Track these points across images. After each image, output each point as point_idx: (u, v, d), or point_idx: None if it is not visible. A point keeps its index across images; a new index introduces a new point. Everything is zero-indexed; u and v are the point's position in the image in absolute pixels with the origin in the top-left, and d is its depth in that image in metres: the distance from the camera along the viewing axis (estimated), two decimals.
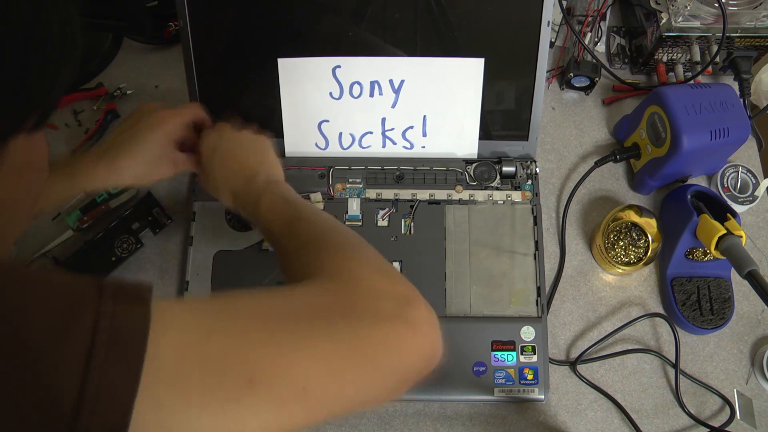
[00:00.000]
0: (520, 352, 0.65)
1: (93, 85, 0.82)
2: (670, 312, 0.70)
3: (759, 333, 0.70)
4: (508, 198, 0.71)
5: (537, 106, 0.69)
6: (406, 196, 0.71)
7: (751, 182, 0.74)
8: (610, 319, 0.70)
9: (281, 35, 0.68)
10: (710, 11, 0.74)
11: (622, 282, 0.72)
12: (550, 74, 0.82)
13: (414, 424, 0.65)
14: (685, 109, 0.65)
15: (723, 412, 0.67)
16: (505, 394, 0.63)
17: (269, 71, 0.68)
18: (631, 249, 0.68)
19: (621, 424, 0.66)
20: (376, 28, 0.67)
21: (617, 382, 0.68)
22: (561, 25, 0.83)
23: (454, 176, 0.71)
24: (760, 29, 0.75)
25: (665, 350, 0.69)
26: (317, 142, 0.72)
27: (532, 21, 0.66)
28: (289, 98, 0.69)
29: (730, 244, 0.61)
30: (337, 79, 0.68)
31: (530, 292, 0.67)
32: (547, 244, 0.72)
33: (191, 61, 0.68)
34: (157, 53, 0.84)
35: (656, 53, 0.78)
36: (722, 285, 0.69)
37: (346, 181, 0.71)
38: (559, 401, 0.67)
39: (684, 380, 0.67)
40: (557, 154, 0.79)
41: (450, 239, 0.69)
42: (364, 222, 0.70)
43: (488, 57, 0.67)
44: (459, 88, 0.68)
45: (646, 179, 0.72)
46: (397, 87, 0.68)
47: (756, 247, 0.73)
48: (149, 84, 0.82)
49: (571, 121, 0.81)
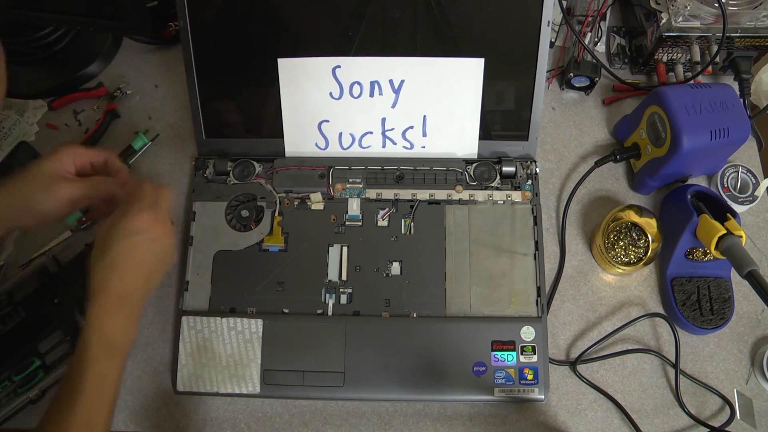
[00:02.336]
0: (520, 352, 0.65)
1: (93, 85, 0.82)
2: (670, 312, 0.70)
3: (759, 333, 0.70)
4: (508, 198, 0.71)
5: (537, 106, 0.69)
6: (406, 196, 0.71)
7: (751, 182, 0.74)
8: (610, 319, 0.70)
9: (281, 35, 0.68)
10: (710, 11, 0.74)
11: (622, 282, 0.72)
12: (550, 74, 0.82)
13: (414, 424, 0.65)
14: (685, 109, 0.65)
15: (723, 412, 0.67)
16: (505, 394, 0.64)
17: (269, 71, 0.68)
18: (631, 249, 0.68)
19: (621, 424, 0.66)
20: (376, 28, 0.67)
21: (617, 382, 0.68)
22: (561, 25, 0.83)
23: (454, 176, 0.71)
24: (760, 29, 0.75)
25: (665, 350, 0.69)
26: (317, 142, 0.72)
27: (532, 21, 0.66)
28: (289, 98, 0.69)
29: (730, 244, 0.61)
30: (337, 79, 0.68)
31: (530, 292, 0.67)
32: (547, 244, 0.72)
33: (191, 61, 0.68)
34: (157, 53, 0.84)
35: (656, 53, 0.78)
36: (722, 285, 0.69)
37: (346, 181, 0.71)
38: (559, 401, 0.67)
39: (684, 380, 0.67)
40: (557, 154, 0.79)
41: (450, 239, 0.69)
42: (364, 222, 0.70)
43: (488, 57, 0.67)
44: (459, 88, 0.68)
45: (646, 179, 0.72)
46: (397, 87, 0.68)
47: (756, 247, 0.73)
48: (149, 84, 0.82)
49: (571, 121, 0.81)
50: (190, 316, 0.66)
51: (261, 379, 0.64)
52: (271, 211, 0.70)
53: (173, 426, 0.65)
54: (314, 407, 0.66)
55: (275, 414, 0.66)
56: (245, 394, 0.64)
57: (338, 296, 0.67)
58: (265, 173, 0.72)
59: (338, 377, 0.64)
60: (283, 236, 0.69)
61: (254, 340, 0.65)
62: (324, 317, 0.66)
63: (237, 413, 0.66)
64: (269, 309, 0.66)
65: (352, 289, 0.67)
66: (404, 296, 0.66)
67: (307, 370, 0.64)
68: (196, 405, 0.66)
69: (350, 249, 0.69)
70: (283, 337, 0.65)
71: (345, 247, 0.69)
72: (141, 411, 0.66)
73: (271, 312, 0.66)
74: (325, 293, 0.67)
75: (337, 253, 0.68)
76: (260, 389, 0.64)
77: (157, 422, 0.65)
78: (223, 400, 0.66)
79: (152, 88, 0.82)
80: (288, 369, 0.64)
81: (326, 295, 0.67)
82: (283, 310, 0.66)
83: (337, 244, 0.69)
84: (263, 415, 0.66)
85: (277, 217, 0.70)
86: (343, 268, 0.68)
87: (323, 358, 0.64)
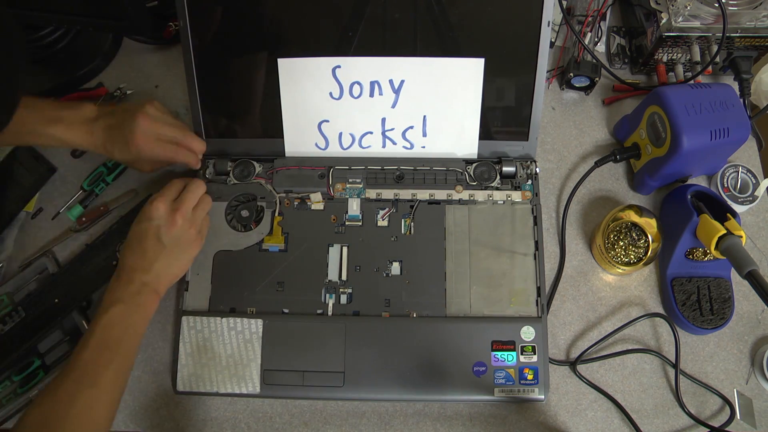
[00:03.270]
0: (520, 352, 0.65)
1: (93, 85, 0.82)
2: (670, 312, 0.70)
3: (759, 333, 0.70)
4: (508, 198, 0.71)
5: (537, 106, 0.69)
6: (406, 196, 0.71)
7: (751, 182, 0.74)
8: (610, 319, 0.70)
9: (281, 35, 0.68)
10: (710, 11, 0.74)
11: (622, 282, 0.72)
12: (550, 74, 0.82)
13: (414, 424, 0.65)
14: (685, 109, 0.65)
15: (723, 412, 0.67)
16: (505, 394, 0.64)
17: (269, 71, 0.68)
18: (631, 249, 0.68)
19: (621, 424, 0.66)
20: (376, 28, 0.67)
21: (617, 382, 0.68)
22: (561, 25, 0.83)
23: (454, 176, 0.71)
24: (760, 29, 0.75)
25: (665, 350, 0.69)
26: (317, 142, 0.72)
27: (532, 21, 0.66)
28: (289, 98, 0.69)
29: (730, 244, 0.61)
30: (337, 79, 0.68)
31: (530, 292, 0.67)
32: (547, 244, 0.72)
33: (191, 61, 0.68)
34: (157, 53, 0.84)
35: (656, 53, 0.78)
36: (722, 285, 0.69)
37: (346, 181, 0.71)
38: (559, 401, 0.67)
39: (684, 380, 0.67)
40: (557, 154, 0.79)
41: (450, 239, 0.69)
42: (364, 222, 0.70)
43: (488, 57, 0.67)
44: (459, 88, 0.68)
45: (646, 179, 0.72)
46: (397, 87, 0.68)
47: (756, 247, 0.73)
48: (149, 84, 0.82)
49: (571, 121, 0.81)
50: (190, 316, 0.66)
51: (261, 379, 0.64)
52: (271, 211, 0.70)
53: (173, 426, 0.65)
54: (314, 407, 0.66)
55: (275, 414, 0.66)
56: (245, 394, 0.64)
57: (338, 296, 0.67)
58: (265, 173, 0.72)
59: (338, 377, 0.64)
60: (283, 236, 0.69)
61: (254, 340, 0.65)
62: (324, 317, 0.66)
63: (237, 413, 0.66)
64: (269, 309, 0.66)
65: (352, 289, 0.67)
66: (404, 296, 0.67)
67: (307, 370, 0.64)
68: (196, 405, 0.66)
69: (350, 249, 0.69)
70: (283, 337, 0.65)
71: (345, 247, 0.69)
72: (141, 411, 0.66)
73: (271, 312, 0.66)
74: (325, 293, 0.67)
75: (337, 253, 0.68)
76: (260, 389, 0.64)
77: (157, 422, 0.65)
78: (223, 400, 0.66)
79: (152, 88, 0.82)
80: (288, 369, 0.64)
81: (326, 295, 0.67)
82: (283, 310, 0.66)
83: (337, 244, 0.69)
84: (263, 415, 0.66)
85: (277, 217, 0.70)
86: (343, 268, 0.68)
87: (323, 358, 0.64)
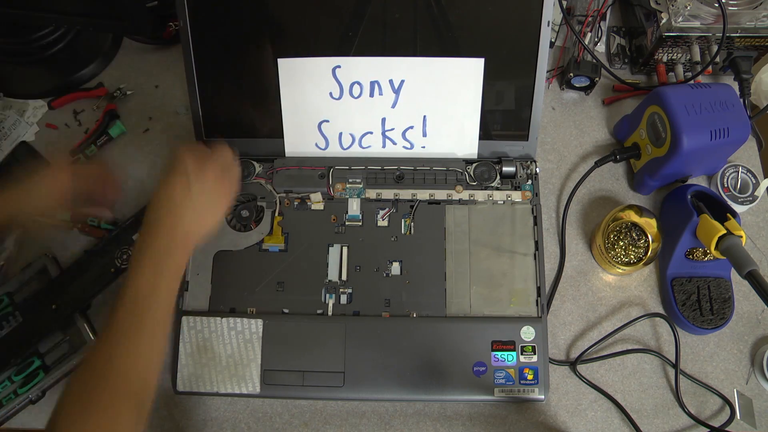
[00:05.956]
0: (520, 352, 0.65)
1: (93, 85, 0.82)
2: (670, 312, 0.70)
3: (759, 333, 0.70)
4: (508, 198, 0.71)
5: (537, 106, 0.69)
6: (406, 196, 0.71)
7: (751, 182, 0.74)
8: (610, 319, 0.70)
9: (281, 35, 0.68)
10: (710, 11, 0.74)
11: (622, 282, 0.72)
12: (550, 74, 0.82)
13: (414, 424, 0.65)
14: (685, 109, 0.65)
15: (723, 412, 0.67)
16: (505, 394, 0.64)
17: (269, 71, 0.68)
18: (631, 249, 0.68)
19: (621, 424, 0.66)
20: (376, 28, 0.67)
21: (617, 382, 0.68)
22: (561, 25, 0.83)
23: (454, 176, 0.71)
24: (760, 29, 0.75)
25: (665, 350, 0.69)
26: (317, 142, 0.72)
27: (532, 21, 0.66)
28: (289, 98, 0.69)
29: (730, 244, 0.61)
30: (337, 79, 0.68)
31: (530, 292, 0.67)
32: (547, 244, 0.72)
33: (191, 61, 0.68)
34: (157, 53, 0.84)
35: (656, 53, 0.78)
36: (722, 285, 0.69)
37: (346, 181, 0.71)
38: (559, 401, 0.67)
39: (684, 380, 0.67)
40: (557, 154, 0.79)
41: (450, 239, 0.69)
42: (364, 222, 0.70)
43: (488, 57, 0.67)
44: (459, 88, 0.68)
45: (646, 179, 0.72)
46: (397, 87, 0.68)
47: (756, 247, 0.73)
48: (149, 84, 0.82)
49: (571, 121, 0.81)
50: (190, 316, 0.66)
51: (261, 379, 0.64)
52: (271, 211, 0.70)
53: (173, 426, 0.65)
54: (314, 407, 0.66)
55: (275, 414, 0.66)
56: (245, 394, 0.64)
57: (338, 296, 0.67)
58: (265, 173, 0.72)
59: (338, 377, 0.64)
60: (283, 236, 0.69)
61: (254, 340, 0.65)
62: (324, 317, 0.66)
63: (237, 413, 0.66)
64: (269, 309, 0.66)
65: (352, 289, 0.67)
66: (404, 296, 0.66)
67: (307, 370, 0.64)
68: (196, 405, 0.66)
69: (350, 249, 0.69)
70: (283, 337, 0.65)
71: (345, 247, 0.69)
72: None
73: (271, 312, 0.66)
74: (325, 293, 0.67)
75: (337, 253, 0.68)
76: (260, 389, 0.64)
77: (157, 422, 0.65)
78: (223, 400, 0.66)
79: (152, 88, 0.82)
80: (288, 369, 0.64)
81: (326, 295, 0.67)
82: (283, 310, 0.66)
83: (337, 244, 0.69)
84: (263, 415, 0.66)
85: (277, 217, 0.70)
86: (343, 268, 0.68)
87: (323, 358, 0.64)
